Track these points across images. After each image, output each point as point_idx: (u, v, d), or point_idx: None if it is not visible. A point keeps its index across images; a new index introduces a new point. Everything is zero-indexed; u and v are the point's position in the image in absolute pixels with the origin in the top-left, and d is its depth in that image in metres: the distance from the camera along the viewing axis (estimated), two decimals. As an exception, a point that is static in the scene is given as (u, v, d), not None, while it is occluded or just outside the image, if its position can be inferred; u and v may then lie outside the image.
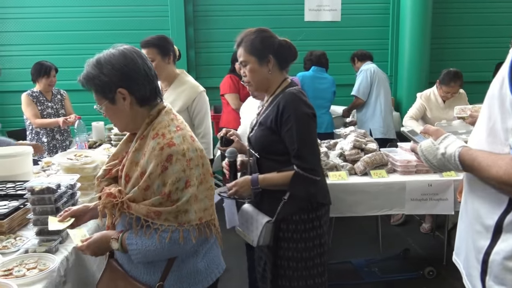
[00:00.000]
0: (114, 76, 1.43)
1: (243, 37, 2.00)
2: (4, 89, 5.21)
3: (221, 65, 4.82)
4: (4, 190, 2.30)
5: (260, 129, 1.99)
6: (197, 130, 2.84)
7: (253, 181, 1.96)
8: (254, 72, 1.99)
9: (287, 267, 2.01)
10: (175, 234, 1.42)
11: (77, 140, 3.56)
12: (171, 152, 1.40)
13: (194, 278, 1.53)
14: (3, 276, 1.60)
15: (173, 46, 2.85)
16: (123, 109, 1.47)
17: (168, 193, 1.40)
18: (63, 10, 5.25)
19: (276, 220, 1.97)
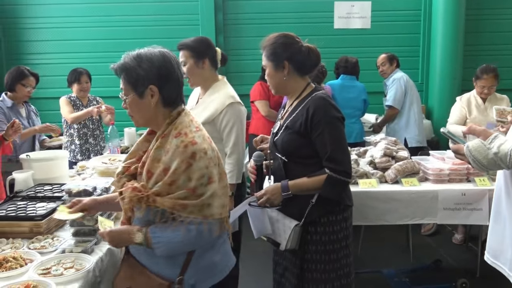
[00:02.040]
0: (150, 72, 1.51)
1: (265, 43, 2.06)
2: (43, 96, 5.39)
3: (251, 72, 4.86)
4: (42, 192, 2.39)
5: (287, 132, 2.00)
6: (225, 148, 2.54)
7: (284, 187, 1.95)
8: (270, 77, 2.05)
9: (315, 270, 2.01)
10: (201, 226, 1.49)
11: (110, 145, 3.66)
12: (195, 150, 1.48)
13: (211, 271, 1.60)
14: (42, 274, 1.66)
15: (212, 49, 2.59)
16: (148, 106, 1.54)
17: (193, 188, 1.47)
18: (98, 20, 5.42)
19: (303, 223, 1.97)
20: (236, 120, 2.52)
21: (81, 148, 4.07)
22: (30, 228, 2.00)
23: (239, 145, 2.53)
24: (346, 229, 2.06)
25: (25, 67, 3.64)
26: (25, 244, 1.93)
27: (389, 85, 4.60)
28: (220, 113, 2.49)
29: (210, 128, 2.43)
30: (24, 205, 2.19)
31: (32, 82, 3.58)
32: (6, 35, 5.45)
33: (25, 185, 2.50)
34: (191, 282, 1.55)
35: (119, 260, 1.94)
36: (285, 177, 1.98)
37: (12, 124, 2.76)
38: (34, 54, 5.50)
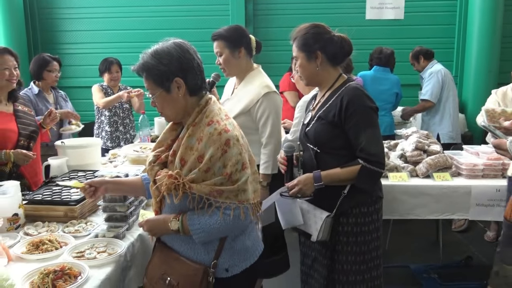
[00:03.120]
0: (172, 65, 1.53)
1: (296, 33, 2.04)
2: (75, 85, 5.54)
3: (281, 63, 4.84)
4: (76, 178, 2.45)
5: (320, 123, 1.98)
6: (261, 138, 2.50)
7: (316, 178, 1.94)
8: (303, 68, 2.03)
9: (345, 261, 2.01)
10: (237, 211, 1.52)
11: (140, 134, 3.73)
12: (228, 136, 1.52)
13: (243, 255, 1.63)
14: (76, 257, 1.72)
15: (246, 37, 2.53)
16: (177, 98, 1.57)
17: (229, 173, 1.51)
18: (129, 10, 5.49)
19: (335, 215, 1.96)
20: (272, 110, 2.47)
21: (111, 136, 4.16)
22: (65, 213, 2.06)
23: (275, 136, 2.49)
24: (377, 221, 2.06)
25: (46, 54, 3.74)
26: (60, 227, 2.00)
27: (425, 78, 4.47)
28: (256, 103, 2.46)
29: (246, 119, 2.44)
30: (59, 190, 2.26)
31: (56, 67, 3.66)
32: (42, 25, 5.59)
33: (60, 171, 2.58)
34: (225, 266, 1.59)
35: (149, 246, 1.99)
36: (316, 168, 1.97)
37: (49, 113, 2.85)
38: (68, 44, 5.64)
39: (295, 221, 2.03)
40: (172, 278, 1.58)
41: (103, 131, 4.17)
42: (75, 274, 1.57)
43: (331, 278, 2.03)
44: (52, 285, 1.49)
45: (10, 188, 1.99)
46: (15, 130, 2.57)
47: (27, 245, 1.80)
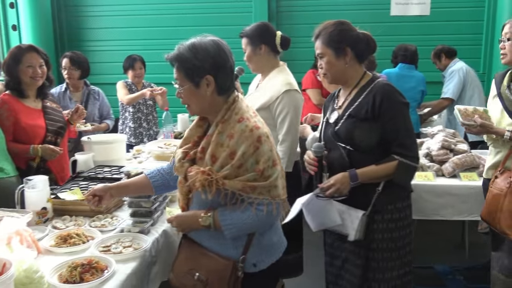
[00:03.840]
0: (207, 62, 1.53)
1: (321, 30, 2.00)
2: (99, 81, 5.60)
3: (304, 60, 4.80)
4: (101, 174, 2.50)
5: (351, 121, 1.96)
6: (278, 135, 2.52)
7: (353, 176, 1.91)
8: (330, 65, 1.99)
9: (381, 258, 1.99)
10: (270, 207, 1.54)
11: (164, 130, 3.76)
12: (260, 133, 1.54)
13: (270, 250, 1.66)
14: (103, 251, 1.75)
15: (269, 34, 2.55)
16: (204, 95, 1.57)
17: (262, 170, 1.53)
18: (152, 8, 5.54)
19: (370, 212, 1.94)
20: (291, 108, 2.48)
21: (135, 132, 4.21)
22: (91, 207, 2.09)
23: (291, 133, 2.50)
24: (410, 216, 2.06)
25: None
26: (86, 222, 2.04)
27: (447, 76, 4.39)
28: (275, 100, 2.48)
29: (265, 114, 2.44)
30: (86, 185, 2.30)
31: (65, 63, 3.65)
32: (69, 23, 5.70)
33: (86, 166, 2.63)
34: (253, 261, 1.60)
35: (173, 242, 2.01)
36: (348, 167, 1.94)
37: (76, 109, 2.90)
38: (94, 41, 5.72)
39: (331, 222, 1.99)
40: (200, 273, 1.60)
41: (126, 127, 4.23)
42: (102, 267, 1.60)
43: (366, 277, 2.01)
44: (80, 278, 1.52)
45: (39, 182, 2.04)
46: (42, 126, 2.63)
47: (55, 238, 1.84)
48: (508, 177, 2.19)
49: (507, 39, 2.24)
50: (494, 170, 2.34)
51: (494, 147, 2.38)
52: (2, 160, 2.32)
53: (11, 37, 5.22)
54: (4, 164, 2.33)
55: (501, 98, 2.30)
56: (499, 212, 2.18)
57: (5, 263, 1.35)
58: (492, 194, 2.25)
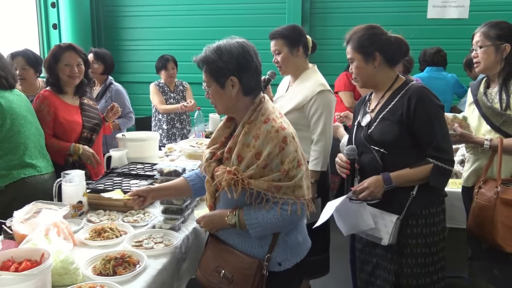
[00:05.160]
0: (231, 64, 1.57)
1: (351, 34, 2.00)
2: (134, 80, 5.74)
3: (337, 62, 4.77)
4: (135, 170, 2.56)
5: (385, 124, 1.94)
6: (312, 135, 2.54)
7: (387, 180, 1.89)
8: (360, 69, 1.98)
9: (415, 264, 1.96)
10: (294, 206, 1.56)
11: (195, 130, 3.81)
12: (285, 134, 1.56)
13: (295, 250, 1.67)
14: (135, 246, 1.79)
15: (304, 37, 2.61)
16: (229, 95, 1.60)
17: (287, 170, 1.55)
18: (186, 8, 5.61)
19: (403, 217, 1.92)
20: (325, 108, 2.51)
21: (168, 133, 4.29)
22: (124, 203, 2.14)
23: (326, 133, 2.52)
24: (444, 221, 2.03)
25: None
26: (120, 216, 2.09)
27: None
28: (309, 100, 2.50)
29: (298, 115, 2.47)
30: (120, 181, 2.36)
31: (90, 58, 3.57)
32: (106, 22, 5.85)
33: (120, 163, 2.69)
34: (278, 260, 1.62)
35: (202, 240, 2.04)
36: (381, 170, 1.92)
37: (112, 107, 2.98)
38: (129, 40, 5.85)
39: (365, 226, 1.96)
40: (226, 270, 1.62)
41: (160, 128, 4.31)
42: (134, 262, 1.64)
43: (398, 283, 1.98)
44: (113, 271, 1.57)
45: (76, 177, 2.10)
46: (79, 122, 2.71)
47: (89, 231, 1.90)
48: (494, 187, 2.15)
49: (479, 47, 2.21)
50: (475, 178, 2.32)
51: (473, 154, 2.35)
52: (36, 157, 2.38)
53: (52, 35, 5.40)
54: (38, 161, 2.38)
55: (478, 105, 2.28)
56: (489, 224, 2.14)
57: (43, 253, 1.41)
58: (479, 205, 2.20)
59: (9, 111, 2.28)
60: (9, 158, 2.26)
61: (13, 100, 2.34)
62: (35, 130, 2.42)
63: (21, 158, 2.29)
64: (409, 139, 1.91)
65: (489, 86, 2.31)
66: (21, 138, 2.31)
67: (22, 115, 2.34)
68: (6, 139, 2.25)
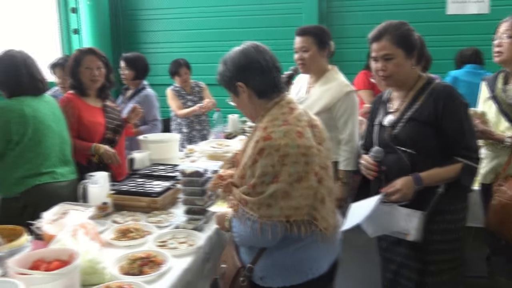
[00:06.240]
0: (234, 71, 1.57)
1: (386, 29, 1.93)
2: (153, 82, 5.79)
3: (355, 61, 4.74)
4: (157, 172, 2.59)
5: (412, 124, 1.91)
6: (340, 135, 2.55)
7: (417, 180, 1.86)
8: (400, 66, 1.91)
9: (441, 260, 1.95)
10: (255, 225, 1.46)
11: (214, 131, 3.84)
12: (264, 146, 1.45)
13: (280, 271, 1.55)
14: (159, 246, 1.82)
15: (331, 39, 2.64)
16: (244, 101, 1.60)
17: (253, 184, 1.46)
18: (203, 10, 5.65)
19: (428, 214, 1.90)
20: (354, 108, 2.55)
21: (188, 136, 4.33)
22: (148, 204, 2.18)
23: (355, 133, 2.55)
24: (466, 218, 2.03)
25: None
26: (143, 217, 2.12)
27: None
28: (337, 101, 2.51)
29: (326, 116, 2.45)
30: (142, 182, 2.39)
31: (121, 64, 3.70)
32: (125, 26, 5.93)
33: (142, 164, 2.73)
34: (260, 274, 1.56)
35: (226, 239, 2.05)
36: (409, 170, 1.89)
37: (133, 109, 3.02)
38: (148, 43, 5.92)
39: (397, 227, 1.92)
40: (225, 266, 1.66)
41: (180, 132, 4.34)
42: (159, 262, 1.66)
43: (423, 281, 1.96)
44: (139, 270, 1.60)
45: (101, 178, 2.15)
46: (102, 123, 2.77)
47: (115, 232, 1.94)
48: None
49: (508, 36, 2.14)
50: (493, 175, 2.29)
51: (491, 151, 2.31)
52: (56, 165, 2.41)
53: (73, 40, 5.50)
54: (58, 169, 2.41)
55: (497, 101, 2.24)
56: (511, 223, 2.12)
57: (72, 253, 1.45)
58: (501, 204, 2.16)
59: (33, 120, 2.32)
60: (27, 168, 2.31)
61: (39, 108, 2.38)
62: (58, 139, 2.45)
63: (38, 168, 2.33)
64: (436, 139, 1.89)
65: (507, 81, 2.27)
66: (42, 148, 2.35)
67: (46, 124, 2.38)
68: (27, 148, 2.30)
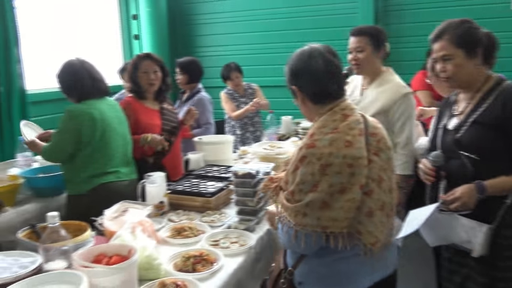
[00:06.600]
0: (288, 74, 1.57)
1: (445, 28, 1.83)
2: (209, 85, 5.94)
3: (413, 60, 4.59)
4: (211, 172, 2.66)
5: (478, 128, 1.79)
6: (396, 138, 2.46)
7: (481, 189, 1.73)
8: (460, 67, 1.81)
9: (510, 278, 1.79)
10: (290, 231, 1.45)
11: (267, 132, 3.87)
12: (306, 153, 1.42)
13: (318, 279, 1.52)
14: (212, 245, 1.86)
15: (386, 41, 2.58)
16: (300, 104, 1.58)
17: (292, 191, 1.44)
18: (257, 13, 5.69)
19: (496, 227, 1.76)
20: (411, 111, 2.48)
21: (242, 137, 4.39)
22: (202, 203, 2.25)
23: (412, 136, 2.47)
24: None
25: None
26: (197, 217, 2.19)
27: None
28: (394, 103, 2.45)
29: (380, 119, 2.23)
30: (197, 183, 2.47)
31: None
32: (182, 30, 6.12)
33: (197, 165, 2.82)
34: (299, 279, 1.55)
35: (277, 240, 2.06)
36: (472, 177, 1.77)
37: (188, 111, 3.13)
38: (204, 47, 6.07)
39: (456, 238, 1.82)
40: (273, 266, 1.70)
41: (233, 134, 4.42)
42: (212, 260, 1.71)
43: None
44: (192, 268, 1.65)
45: (158, 178, 2.24)
46: (158, 125, 2.89)
47: (170, 230, 2.01)
48: None
49: None
50: None
51: None
52: (119, 165, 2.54)
53: (133, 45, 5.76)
54: (121, 168, 2.55)
55: None
56: None
57: (131, 249, 1.52)
58: None
59: (101, 123, 2.45)
60: (95, 167, 2.45)
61: (105, 111, 2.52)
62: (122, 140, 2.58)
63: (104, 168, 2.47)
64: (503, 144, 1.74)
65: None
66: (108, 149, 2.48)
67: (112, 127, 2.52)
68: (95, 149, 2.44)
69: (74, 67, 2.50)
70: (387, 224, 1.51)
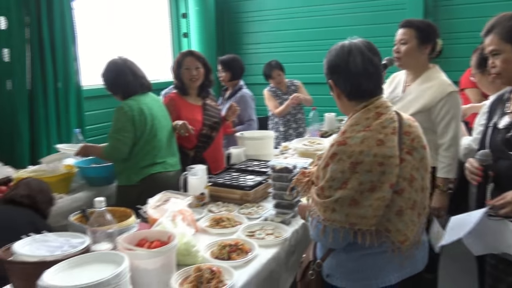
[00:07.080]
0: (326, 68, 1.57)
1: (495, 23, 1.75)
2: (251, 82, 6.03)
3: (463, 57, 4.43)
4: (251, 167, 2.73)
5: None
6: (440, 139, 2.34)
7: None
8: (508, 63, 1.72)
9: None
10: (319, 226, 1.47)
11: (310, 129, 3.89)
12: (337, 150, 1.42)
13: (345, 273, 1.53)
14: (248, 236, 1.93)
15: (437, 38, 2.43)
16: (335, 98, 1.59)
17: (321, 187, 1.45)
18: (302, 10, 5.68)
19: None
20: (457, 110, 2.35)
21: (285, 134, 4.43)
22: (240, 196, 2.32)
23: (458, 138, 2.33)
24: None
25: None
26: (236, 209, 2.26)
27: None
28: (438, 102, 2.33)
29: (422, 118, 2.23)
30: (237, 176, 2.54)
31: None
32: (229, 28, 6.24)
33: (238, 159, 2.90)
34: (326, 272, 1.57)
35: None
36: None
37: (230, 107, 3.21)
38: (250, 44, 6.15)
39: (504, 247, 1.69)
40: (304, 257, 1.71)
41: (277, 131, 4.47)
42: (247, 250, 1.77)
43: None
44: (228, 256, 1.72)
45: (200, 171, 2.34)
46: (199, 120, 2.99)
47: (210, 220, 2.10)
48: None
49: None
50: None
51: None
52: (165, 156, 2.67)
53: (183, 43, 5.94)
54: (167, 159, 2.69)
55: None
56: None
57: (170, 235, 1.61)
58: None
59: (150, 117, 2.60)
60: (146, 159, 2.60)
61: (152, 105, 2.66)
62: (167, 132, 2.72)
63: (154, 159, 2.62)
64: None
65: None
66: (156, 141, 2.63)
67: (158, 119, 2.66)
68: (146, 142, 2.59)
69: (117, 65, 2.65)
70: (418, 223, 1.50)
